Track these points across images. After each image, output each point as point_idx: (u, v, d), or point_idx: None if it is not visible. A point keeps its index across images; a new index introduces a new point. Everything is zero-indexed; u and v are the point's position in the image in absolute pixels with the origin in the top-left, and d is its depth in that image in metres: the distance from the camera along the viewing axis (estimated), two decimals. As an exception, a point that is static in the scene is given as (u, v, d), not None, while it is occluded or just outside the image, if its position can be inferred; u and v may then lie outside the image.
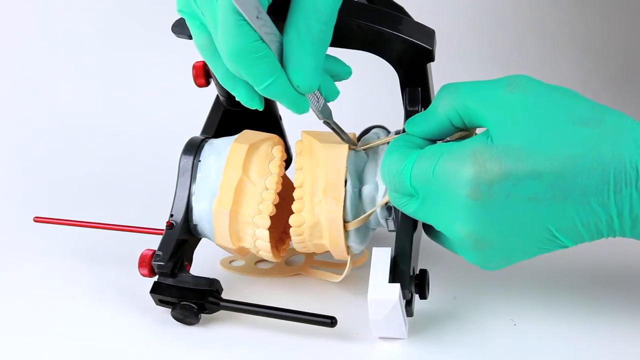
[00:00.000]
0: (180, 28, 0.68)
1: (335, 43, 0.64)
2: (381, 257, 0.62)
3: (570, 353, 0.62)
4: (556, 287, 0.69)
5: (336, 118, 0.64)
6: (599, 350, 0.62)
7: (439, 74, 0.69)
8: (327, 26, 0.58)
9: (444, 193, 0.57)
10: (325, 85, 0.61)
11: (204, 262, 0.72)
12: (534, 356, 0.62)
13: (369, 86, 0.96)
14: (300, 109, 0.59)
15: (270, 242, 0.66)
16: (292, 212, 0.72)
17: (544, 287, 0.69)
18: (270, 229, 0.65)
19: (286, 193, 0.69)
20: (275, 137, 0.68)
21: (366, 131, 0.75)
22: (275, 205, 0.66)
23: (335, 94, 0.62)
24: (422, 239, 0.67)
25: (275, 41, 0.57)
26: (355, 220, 0.65)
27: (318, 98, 0.61)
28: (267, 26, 0.56)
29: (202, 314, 0.66)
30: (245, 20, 0.55)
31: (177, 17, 0.68)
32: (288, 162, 0.74)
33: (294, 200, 0.73)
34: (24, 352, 0.66)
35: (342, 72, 0.62)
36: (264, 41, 0.56)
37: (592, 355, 0.62)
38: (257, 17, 0.56)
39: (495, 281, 0.69)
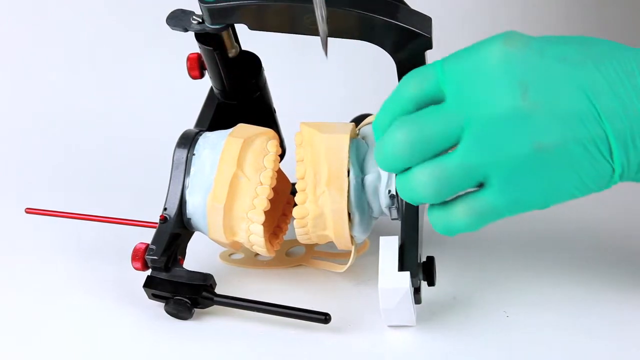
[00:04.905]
0: (175, 20, 0.67)
1: (331, 33, 0.64)
2: (389, 246, 0.63)
3: (561, 343, 0.63)
4: (547, 281, 0.69)
5: (332, 106, 0.63)
6: (590, 339, 0.63)
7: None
8: None
9: (477, 56, 0.55)
10: None
11: (201, 255, 0.72)
12: (525, 345, 0.63)
13: (365, 75, 0.96)
14: None
15: (264, 236, 0.66)
16: (287, 206, 0.72)
17: (535, 281, 0.69)
18: (264, 223, 0.65)
19: (280, 187, 0.69)
20: (270, 132, 0.68)
21: (358, 119, 0.75)
22: (270, 200, 0.65)
23: None
24: (425, 228, 0.67)
25: None
26: None
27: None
28: None
29: (195, 309, 0.66)
30: None
31: (172, 8, 0.68)
32: (282, 156, 0.73)
33: (287, 194, 0.73)
34: (15, 344, 0.66)
35: None
36: None
37: (583, 343, 0.63)
38: None
39: (491, 275, 0.70)
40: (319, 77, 0.96)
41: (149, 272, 0.67)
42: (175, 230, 0.67)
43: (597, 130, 0.53)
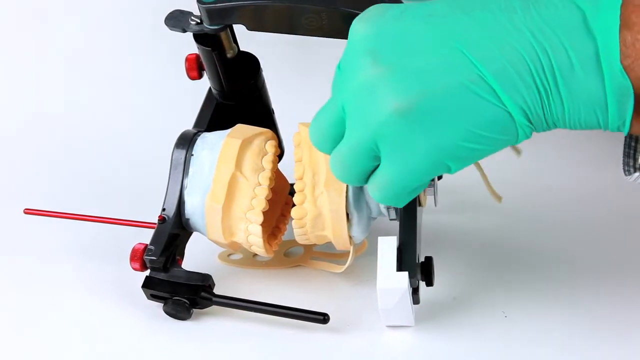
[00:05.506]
0: (173, 21, 0.67)
1: (329, 33, 0.64)
2: (387, 246, 0.63)
3: (560, 343, 0.63)
4: (545, 281, 0.69)
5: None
6: (589, 339, 0.63)
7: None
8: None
9: (348, 40, 0.55)
10: None
11: (200, 255, 0.72)
12: (524, 345, 0.63)
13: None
14: None
15: (263, 237, 0.66)
16: (285, 207, 0.72)
17: (534, 281, 0.69)
18: (262, 224, 0.65)
19: (279, 188, 0.69)
20: (268, 132, 0.68)
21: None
22: (268, 201, 0.65)
23: None
24: (424, 228, 0.67)
25: None
26: None
27: None
28: None
29: (194, 309, 0.66)
30: None
31: (171, 9, 0.68)
32: (280, 156, 0.73)
33: (286, 194, 0.73)
34: (13, 344, 0.66)
35: None
36: None
37: (581, 343, 0.63)
38: None
39: (490, 276, 0.70)
40: (317, 78, 0.96)
41: (147, 272, 0.67)
42: (174, 231, 0.67)
43: (469, 75, 0.51)
